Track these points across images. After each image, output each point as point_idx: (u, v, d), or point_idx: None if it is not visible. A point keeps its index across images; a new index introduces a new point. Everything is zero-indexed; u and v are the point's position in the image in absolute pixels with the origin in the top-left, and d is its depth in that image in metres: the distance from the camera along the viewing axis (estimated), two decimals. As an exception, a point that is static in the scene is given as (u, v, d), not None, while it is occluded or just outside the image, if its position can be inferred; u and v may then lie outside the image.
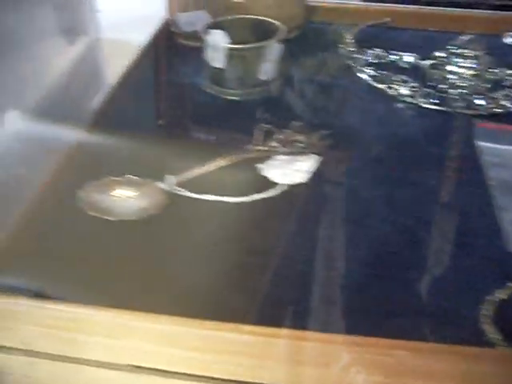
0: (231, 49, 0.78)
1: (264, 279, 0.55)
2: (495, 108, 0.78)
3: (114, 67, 0.93)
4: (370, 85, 0.85)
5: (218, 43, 0.78)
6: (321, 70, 0.90)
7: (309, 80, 0.87)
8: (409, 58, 0.83)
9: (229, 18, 0.88)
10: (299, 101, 0.82)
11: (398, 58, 0.85)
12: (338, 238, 0.60)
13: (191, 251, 0.58)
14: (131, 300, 0.52)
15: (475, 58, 0.78)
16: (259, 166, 0.68)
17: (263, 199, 0.64)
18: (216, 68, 0.80)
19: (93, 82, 0.90)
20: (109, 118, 0.78)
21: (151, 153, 0.70)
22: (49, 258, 0.57)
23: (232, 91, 0.81)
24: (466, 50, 0.78)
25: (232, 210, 0.63)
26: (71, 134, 0.74)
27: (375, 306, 0.53)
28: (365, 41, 0.94)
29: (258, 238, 0.60)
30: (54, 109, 0.79)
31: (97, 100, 0.84)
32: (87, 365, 0.52)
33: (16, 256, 0.56)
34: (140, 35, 1.02)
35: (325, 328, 0.50)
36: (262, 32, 0.86)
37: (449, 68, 0.78)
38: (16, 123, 0.67)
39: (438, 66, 0.80)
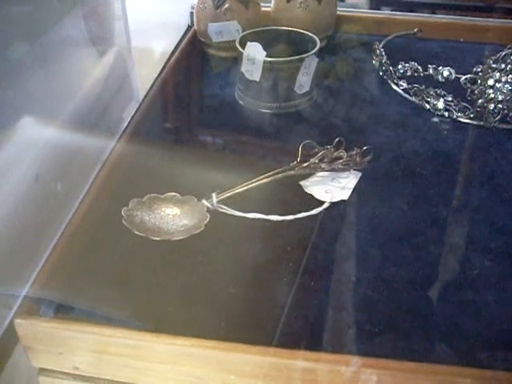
0: (268, 62, 0.77)
1: (313, 301, 0.54)
2: (533, 123, 0.77)
3: (144, 77, 0.92)
4: (405, 98, 0.84)
5: (254, 56, 0.77)
6: (355, 82, 0.90)
7: (343, 94, 0.86)
8: (445, 72, 0.82)
9: (261, 29, 0.87)
10: (336, 115, 0.81)
11: (434, 71, 0.84)
12: (384, 257, 0.59)
13: (235, 272, 0.57)
14: (178, 324, 0.51)
15: (514, 72, 0.77)
16: (302, 183, 0.67)
17: (306, 217, 0.63)
18: (251, 81, 0.79)
19: (123, 92, 0.89)
20: (143, 130, 0.77)
21: (190, 168, 0.69)
22: (93, 279, 0.56)
23: (267, 104, 0.80)
24: (503, 65, 0.77)
25: (275, 228, 0.62)
26: (107, 147, 0.73)
27: (430, 329, 0.52)
28: (395, 52, 0.94)
29: (304, 258, 0.59)
30: (85, 121, 0.77)
31: (129, 111, 0.83)
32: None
33: (61, 276, 0.55)
34: (165, 43, 1.02)
35: (381, 352, 0.50)
36: (295, 43, 0.85)
37: (487, 83, 0.77)
38: (29, 135, 0.66)
39: (476, 80, 0.79)
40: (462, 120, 0.80)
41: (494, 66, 0.77)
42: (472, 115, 0.79)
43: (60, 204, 0.65)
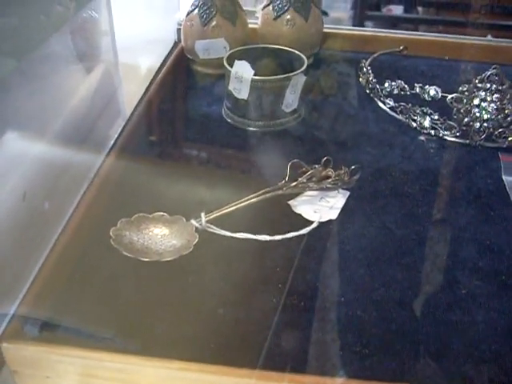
0: (256, 80, 0.77)
1: (302, 322, 0.54)
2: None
3: (130, 93, 0.92)
4: (392, 116, 0.84)
5: (242, 74, 0.77)
6: (342, 100, 0.90)
7: (331, 112, 0.87)
8: (432, 91, 0.83)
9: (249, 46, 0.87)
10: (323, 133, 0.82)
11: (420, 90, 0.85)
12: (373, 278, 0.59)
13: (224, 293, 0.57)
14: (166, 345, 0.51)
15: (499, 91, 0.77)
16: (290, 202, 0.67)
17: (295, 237, 0.63)
18: (238, 99, 0.79)
19: (110, 109, 0.89)
20: (130, 147, 0.77)
21: (177, 187, 0.69)
22: (81, 299, 0.56)
23: (255, 122, 0.80)
24: (488, 84, 0.78)
25: (264, 248, 0.62)
26: (94, 164, 0.72)
27: (420, 349, 0.52)
28: (381, 69, 0.94)
29: (293, 278, 0.59)
30: (72, 138, 0.77)
31: (116, 128, 0.83)
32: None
33: (48, 296, 0.55)
34: (152, 59, 1.02)
35: (371, 373, 0.50)
36: (283, 61, 0.85)
37: (473, 102, 0.78)
38: (16, 152, 0.65)
39: (462, 99, 0.79)
40: (448, 138, 0.80)
41: (479, 85, 0.78)
42: (458, 134, 0.80)
43: (47, 222, 0.65)
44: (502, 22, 2.38)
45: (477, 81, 0.78)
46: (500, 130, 0.78)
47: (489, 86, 0.77)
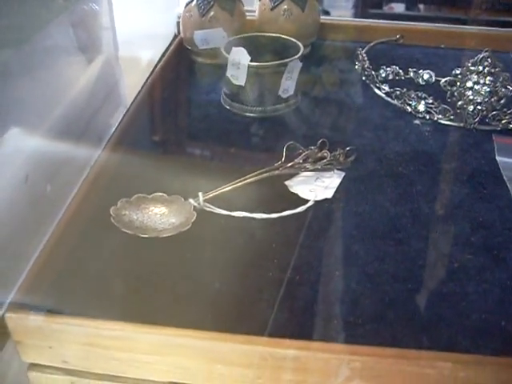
0: (253, 66, 0.79)
1: (298, 294, 0.55)
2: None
3: (131, 84, 0.94)
4: (387, 102, 0.86)
5: (239, 61, 0.78)
6: (338, 87, 0.91)
7: (327, 98, 0.88)
8: (426, 75, 0.84)
9: (246, 35, 0.89)
10: (320, 119, 0.83)
11: (414, 74, 0.86)
12: (368, 253, 0.61)
13: (222, 268, 0.59)
14: (165, 316, 0.52)
15: (491, 74, 0.79)
16: (287, 182, 0.69)
17: (291, 215, 0.65)
18: (236, 85, 0.81)
19: (111, 99, 0.91)
20: (130, 136, 0.78)
21: (177, 170, 0.70)
22: (83, 277, 0.57)
23: (252, 108, 0.82)
24: (481, 67, 0.79)
25: (261, 226, 0.63)
26: (95, 152, 0.74)
27: (412, 319, 0.53)
28: (377, 57, 0.96)
29: (289, 254, 0.60)
30: (74, 126, 0.79)
31: (116, 117, 0.84)
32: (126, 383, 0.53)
33: (50, 274, 0.56)
34: (152, 52, 1.04)
35: (365, 340, 0.51)
36: (279, 49, 0.87)
37: (466, 85, 0.79)
38: (18, 140, 0.67)
39: (455, 82, 0.81)
40: (443, 122, 0.82)
41: (472, 68, 0.79)
42: (452, 117, 0.81)
43: (50, 204, 0.67)
44: (504, 19, 2.39)
45: (469, 64, 0.79)
46: (493, 112, 0.80)
47: (481, 68, 0.78)
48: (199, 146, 0.80)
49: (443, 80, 0.81)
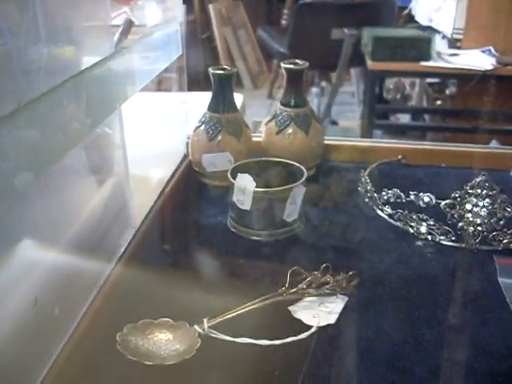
0: (258, 192, 0.82)
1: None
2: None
3: (141, 204, 0.97)
4: (389, 223, 0.88)
5: (245, 186, 0.81)
6: (342, 209, 0.94)
7: (331, 220, 0.91)
8: (426, 198, 0.87)
9: (252, 160, 0.93)
10: (323, 241, 0.85)
11: (415, 197, 0.89)
12: (371, 382, 0.61)
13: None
14: None
15: (489, 197, 0.81)
16: (291, 308, 0.70)
17: (295, 341, 0.65)
18: (242, 209, 0.83)
19: (120, 219, 0.93)
20: (139, 256, 0.81)
21: (183, 294, 0.72)
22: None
23: (258, 232, 0.84)
24: (479, 190, 0.81)
25: (264, 352, 0.64)
26: (104, 272, 0.76)
27: None
28: (380, 178, 0.99)
29: (292, 382, 0.61)
30: (83, 247, 0.81)
31: (125, 238, 0.87)
32: None
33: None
34: (162, 171, 1.08)
35: None
36: (284, 173, 0.90)
37: (465, 207, 0.81)
38: (30, 255, 0.69)
39: (455, 205, 0.83)
40: (445, 243, 0.83)
41: (470, 191, 0.82)
42: (454, 238, 0.83)
43: (56, 328, 0.68)
44: (506, 127, 2.47)
45: (467, 187, 0.82)
46: (494, 233, 0.81)
47: (479, 191, 0.81)
48: (205, 269, 0.82)
49: (443, 202, 0.84)
